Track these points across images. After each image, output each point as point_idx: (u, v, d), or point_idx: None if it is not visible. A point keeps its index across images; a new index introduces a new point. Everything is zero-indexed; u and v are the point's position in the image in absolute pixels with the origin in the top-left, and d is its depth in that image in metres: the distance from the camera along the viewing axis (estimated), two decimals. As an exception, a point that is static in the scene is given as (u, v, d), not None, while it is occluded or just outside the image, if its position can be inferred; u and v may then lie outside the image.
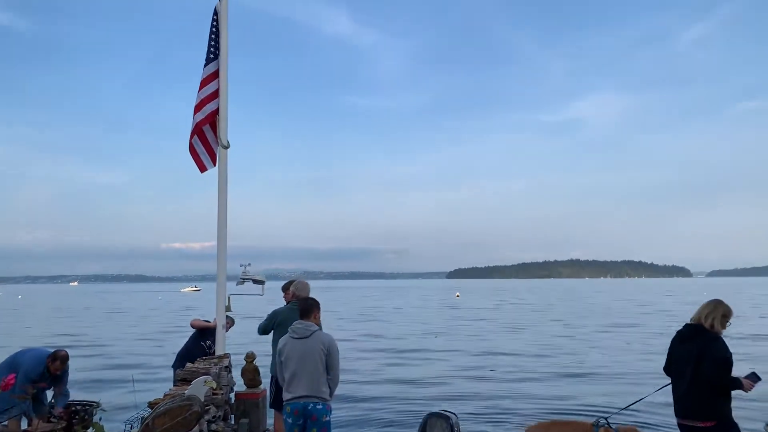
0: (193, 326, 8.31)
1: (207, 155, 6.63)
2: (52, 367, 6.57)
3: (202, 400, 5.18)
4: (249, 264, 7.33)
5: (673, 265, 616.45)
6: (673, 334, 5.00)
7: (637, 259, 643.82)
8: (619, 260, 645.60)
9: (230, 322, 7.55)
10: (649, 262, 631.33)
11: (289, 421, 5.20)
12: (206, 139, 6.61)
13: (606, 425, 5.30)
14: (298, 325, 5.34)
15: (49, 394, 6.95)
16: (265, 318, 6.99)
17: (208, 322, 8.24)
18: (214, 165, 6.72)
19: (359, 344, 21.75)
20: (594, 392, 12.13)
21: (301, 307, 5.53)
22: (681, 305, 46.01)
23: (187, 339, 8.45)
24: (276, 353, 5.50)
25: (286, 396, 5.26)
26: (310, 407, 5.15)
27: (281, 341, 5.39)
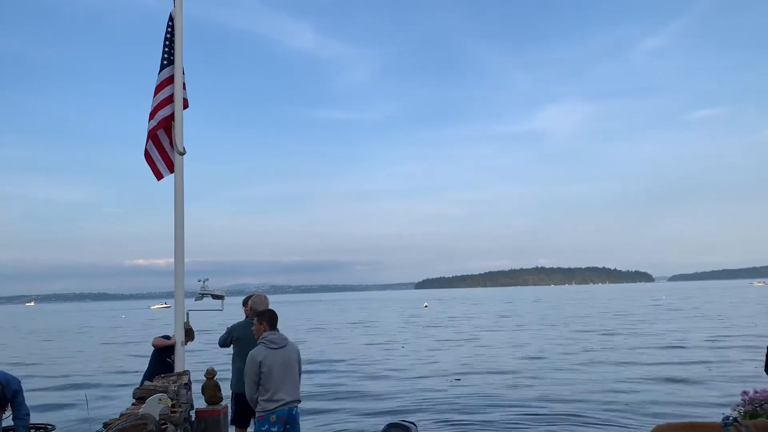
0: (155, 346, 8.04)
1: (163, 162, 6.41)
2: None
3: (157, 418, 4.96)
4: (207, 279, 7.20)
5: (635, 271, 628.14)
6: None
7: (600, 266, 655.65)
8: (583, 267, 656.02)
9: (190, 336, 7.35)
10: (612, 268, 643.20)
11: (274, 429, 5.31)
12: (161, 146, 6.38)
13: (736, 424, 5.08)
14: (272, 336, 5.51)
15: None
16: (224, 332, 6.90)
17: (169, 338, 8.01)
18: (171, 172, 6.49)
19: (322, 354, 21.47)
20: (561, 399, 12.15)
21: (272, 318, 5.67)
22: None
23: (149, 358, 8.21)
24: (250, 368, 5.41)
25: (270, 405, 5.32)
26: (294, 412, 5.45)
27: (258, 353, 5.40)
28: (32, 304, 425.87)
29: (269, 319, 5.64)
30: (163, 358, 7.98)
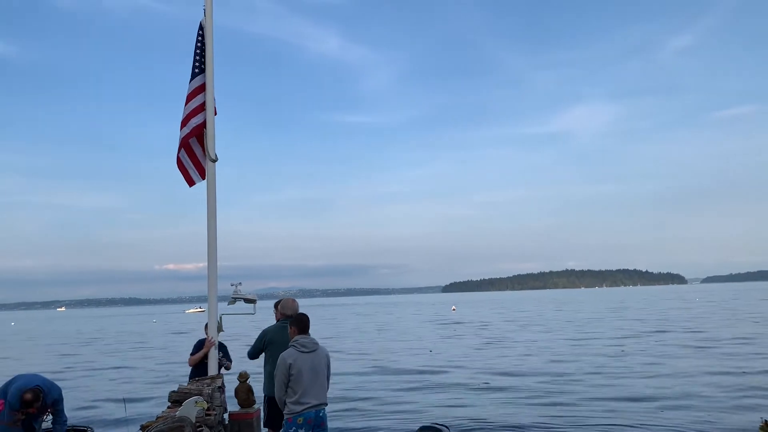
0: (191, 364, 7.79)
1: (195, 169, 6.55)
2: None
3: (194, 420, 5.04)
4: (240, 283, 7.25)
5: (667, 273, 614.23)
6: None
7: (631, 268, 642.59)
8: (614, 269, 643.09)
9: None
10: (643, 270, 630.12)
11: (301, 431, 5.41)
12: (194, 153, 6.52)
13: None
14: (304, 339, 5.62)
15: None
16: (254, 341, 6.74)
17: (201, 345, 7.98)
18: (203, 179, 6.63)
19: (353, 358, 21.53)
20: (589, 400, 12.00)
21: (304, 322, 5.76)
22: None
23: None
24: (280, 370, 5.50)
25: (298, 408, 5.41)
26: (321, 414, 5.55)
27: (289, 356, 5.50)
28: (63, 309, 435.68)
29: (297, 323, 5.75)
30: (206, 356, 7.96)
